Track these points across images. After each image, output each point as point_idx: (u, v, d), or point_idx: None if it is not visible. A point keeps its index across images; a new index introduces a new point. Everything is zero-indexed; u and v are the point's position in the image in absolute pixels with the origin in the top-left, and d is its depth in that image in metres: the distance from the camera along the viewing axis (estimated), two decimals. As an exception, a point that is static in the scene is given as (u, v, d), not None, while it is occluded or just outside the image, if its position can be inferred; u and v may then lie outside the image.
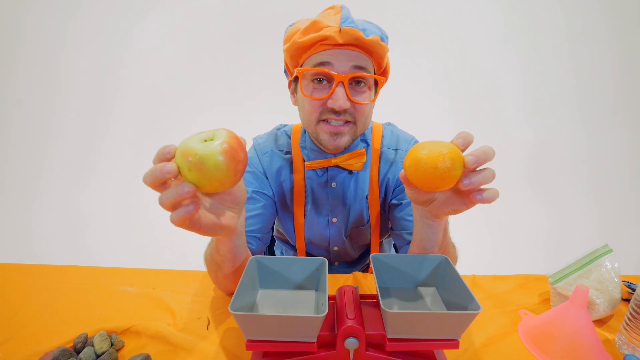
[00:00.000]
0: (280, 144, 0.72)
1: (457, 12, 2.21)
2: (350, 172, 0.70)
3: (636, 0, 2.14)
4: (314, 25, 0.54)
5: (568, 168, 2.27)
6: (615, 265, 0.63)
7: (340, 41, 0.54)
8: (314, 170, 0.70)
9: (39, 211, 2.23)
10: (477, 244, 1.69)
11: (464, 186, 0.40)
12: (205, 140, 0.38)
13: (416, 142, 0.76)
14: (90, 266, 0.79)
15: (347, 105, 0.56)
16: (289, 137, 0.72)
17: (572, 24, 2.20)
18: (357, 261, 0.83)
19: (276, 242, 0.92)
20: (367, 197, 0.72)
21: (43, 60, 2.40)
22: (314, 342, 0.44)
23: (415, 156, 0.41)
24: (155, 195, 0.38)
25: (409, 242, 0.68)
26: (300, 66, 0.59)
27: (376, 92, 0.63)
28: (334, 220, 0.74)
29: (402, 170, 0.44)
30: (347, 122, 0.59)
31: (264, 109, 2.00)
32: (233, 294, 0.41)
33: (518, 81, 2.31)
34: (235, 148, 0.38)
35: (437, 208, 0.46)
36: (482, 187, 0.41)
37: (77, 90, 2.44)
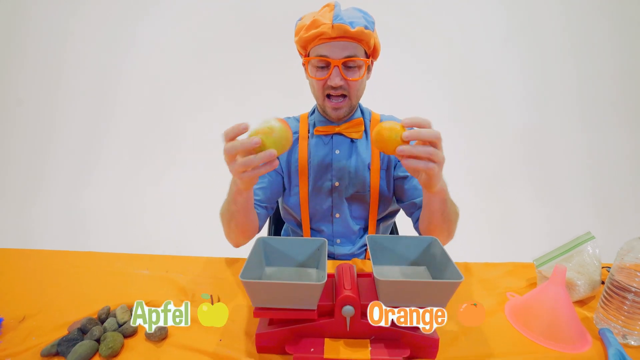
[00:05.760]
0: (291, 125, 0.86)
1: (459, 12, 2.25)
2: (352, 141, 0.83)
3: (638, 3, 2.17)
4: (314, 24, 0.70)
5: (569, 169, 2.29)
6: (597, 251, 0.68)
7: (333, 35, 0.69)
8: (320, 138, 0.84)
9: (41, 210, 2.28)
10: (476, 243, 1.73)
11: (398, 151, 0.55)
12: (270, 126, 0.54)
13: None
14: (107, 252, 0.85)
15: (342, 82, 0.73)
16: (298, 120, 0.88)
17: (573, 23, 2.22)
18: (357, 240, 0.89)
19: (284, 226, 0.99)
20: (369, 166, 0.83)
21: (44, 60, 2.43)
22: (314, 310, 0.49)
23: (376, 128, 0.58)
24: (157, 192, 0.44)
25: (419, 208, 0.81)
26: (308, 54, 0.76)
27: (369, 70, 0.79)
28: (337, 184, 0.84)
29: None
30: (343, 96, 0.75)
31: (267, 108, 2.05)
32: (238, 245, 0.48)
33: (519, 80, 2.33)
34: (287, 124, 0.56)
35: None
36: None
37: (79, 90, 2.46)
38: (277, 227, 1.06)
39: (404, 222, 0.99)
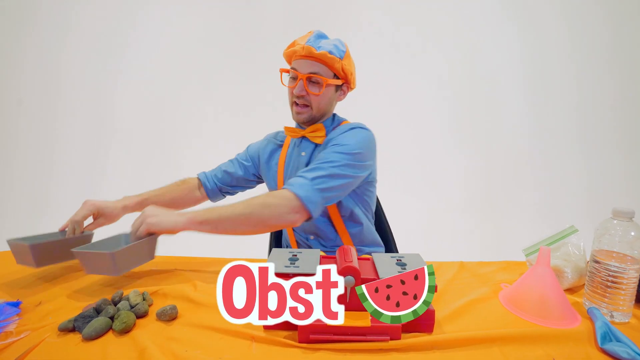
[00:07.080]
0: (279, 136, 1.02)
1: (460, 16, 2.27)
2: (317, 145, 0.92)
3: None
4: (293, 43, 0.87)
5: (569, 174, 2.29)
6: (581, 241, 0.72)
7: (302, 54, 0.84)
8: (294, 143, 0.97)
9: (43, 215, 2.25)
10: (472, 248, 1.71)
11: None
12: None
13: (361, 128, 0.91)
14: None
15: (303, 93, 0.86)
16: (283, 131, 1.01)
17: (575, 31, 2.25)
18: (331, 240, 0.94)
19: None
20: None
21: (45, 61, 2.43)
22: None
23: None
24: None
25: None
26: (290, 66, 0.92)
27: (339, 91, 0.92)
28: None
29: None
30: (305, 105, 0.88)
31: (266, 115, 2.08)
32: None
33: (520, 86, 2.33)
34: None
35: None
36: None
37: (80, 92, 2.45)
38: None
39: (396, 214, 1.04)
